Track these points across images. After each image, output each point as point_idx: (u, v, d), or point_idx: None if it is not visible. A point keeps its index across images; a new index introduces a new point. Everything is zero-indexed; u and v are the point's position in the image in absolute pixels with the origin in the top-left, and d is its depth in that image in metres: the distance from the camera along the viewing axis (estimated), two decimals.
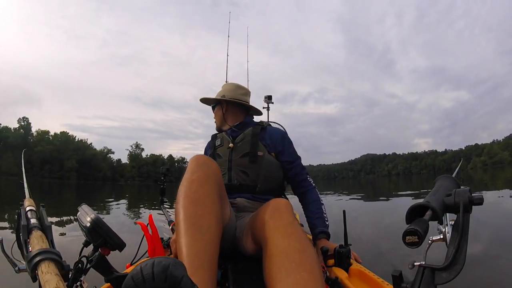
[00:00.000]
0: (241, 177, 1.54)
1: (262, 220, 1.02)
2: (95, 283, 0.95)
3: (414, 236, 0.55)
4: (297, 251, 0.87)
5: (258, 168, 1.53)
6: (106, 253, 0.90)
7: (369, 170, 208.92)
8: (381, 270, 1.29)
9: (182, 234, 0.93)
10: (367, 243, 3.28)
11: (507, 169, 45.41)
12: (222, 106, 1.74)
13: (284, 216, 1.00)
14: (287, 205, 1.06)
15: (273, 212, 1.02)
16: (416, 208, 0.62)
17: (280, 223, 0.97)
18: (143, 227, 1.16)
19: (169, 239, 1.67)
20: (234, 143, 1.61)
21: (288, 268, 0.83)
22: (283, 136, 1.64)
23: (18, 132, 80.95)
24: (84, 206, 0.97)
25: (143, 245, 1.35)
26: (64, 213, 5.70)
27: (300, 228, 0.97)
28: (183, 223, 0.95)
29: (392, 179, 54.47)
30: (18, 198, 0.91)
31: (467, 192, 0.61)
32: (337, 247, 1.32)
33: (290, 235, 0.93)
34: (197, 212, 0.97)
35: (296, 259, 0.85)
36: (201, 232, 0.93)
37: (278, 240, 0.92)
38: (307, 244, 0.92)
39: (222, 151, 1.64)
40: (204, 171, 1.08)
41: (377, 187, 21.01)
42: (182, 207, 0.99)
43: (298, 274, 0.81)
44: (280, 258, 0.87)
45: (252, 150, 1.55)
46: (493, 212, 4.70)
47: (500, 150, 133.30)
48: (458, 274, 0.54)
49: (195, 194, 1.01)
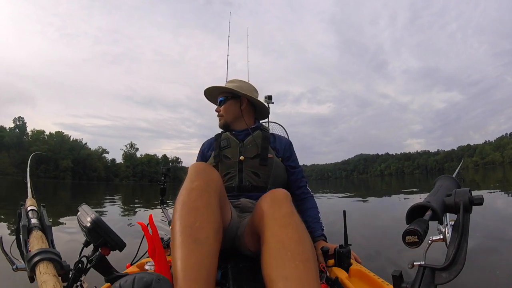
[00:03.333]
0: (252, 179, 1.53)
1: (261, 210, 1.03)
2: (95, 283, 0.95)
3: (414, 236, 0.55)
4: (294, 241, 0.89)
5: (269, 169, 1.54)
6: (106, 253, 0.91)
7: (362, 170, 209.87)
8: (381, 270, 1.30)
9: (177, 245, 0.88)
10: (367, 243, 3.28)
11: (498, 170, 45.95)
12: (242, 102, 1.66)
13: (283, 206, 1.00)
14: (286, 196, 1.06)
15: (272, 202, 1.03)
16: (417, 208, 0.62)
17: (278, 214, 0.98)
18: (143, 227, 1.15)
19: (169, 239, 1.66)
20: (244, 144, 1.58)
21: (284, 257, 0.85)
22: (290, 144, 1.71)
23: (14, 132, 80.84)
24: (84, 206, 0.97)
25: (143, 245, 1.35)
26: (61, 212, 5.64)
27: (298, 219, 0.98)
28: (179, 233, 0.90)
29: (385, 179, 54.85)
30: (16, 197, 0.90)
31: (467, 192, 0.61)
32: (337, 247, 1.33)
33: (288, 225, 0.94)
34: (195, 223, 0.92)
35: (293, 249, 0.87)
36: (198, 244, 0.88)
37: (276, 230, 0.93)
38: (304, 235, 0.93)
39: (230, 152, 1.58)
40: (204, 179, 1.05)
41: (370, 187, 21.13)
42: (179, 216, 0.94)
43: (293, 264, 0.83)
44: (277, 247, 0.89)
45: (263, 153, 1.54)
46: (487, 212, 4.75)
47: (492, 151, 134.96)
48: (458, 274, 0.54)
49: (194, 203, 0.97)
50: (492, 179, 17.58)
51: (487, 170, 50.19)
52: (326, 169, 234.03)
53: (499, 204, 6.15)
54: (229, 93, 1.66)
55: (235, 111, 1.65)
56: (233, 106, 1.65)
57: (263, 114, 1.81)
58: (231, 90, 1.64)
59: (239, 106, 1.65)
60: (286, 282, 0.79)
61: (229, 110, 1.65)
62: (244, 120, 1.65)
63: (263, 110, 1.76)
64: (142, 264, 1.32)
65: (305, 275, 0.81)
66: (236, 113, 1.65)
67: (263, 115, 1.82)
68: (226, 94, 1.66)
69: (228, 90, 1.65)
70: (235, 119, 1.66)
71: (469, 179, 19.06)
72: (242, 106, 1.65)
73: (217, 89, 1.69)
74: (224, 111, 1.66)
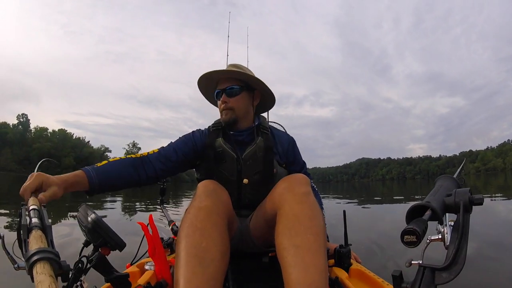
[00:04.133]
0: (252, 195, 1.34)
1: (281, 189, 1.08)
2: (95, 283, 0.95)
3: (412, 235, 0.55)
4: (308, 217, 0.96)
5: (270, 185, 1.25)
6: (106, 253, 0.91)
7: (364, 174, 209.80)
8: (381, 270, 1.30)
9: (181, 265, 0.85)
10: (367, 243, 3.27)
11: (500, 176, 45.80)
12: (255, 96, 1.41)
13: (302, 187, 1.06)
14: (305, 178, 1.11)
15: (291, 182, 1.09)
16: (417, 208, 0.62)
17: (297, 191, 1.04)
18: (143, 227, 1.16)
19: (169, 239, 1.67)
20: (243, 159, 1.32)
21: (298, 229, 0.92)
22: (293, 144, 1.48)
23: (17, 129, 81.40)
24: (84, 206, 0.97)
25: (143, 245, 1.35)
26: (62, 211, 5.65)
27: (313, 198, 1.04)
28: (184, 252, 0.88)
29: (386, 184, 54.72)
30: (18, 195, 0.90)
31: (467, 192, 0.61)
32: (337, 247, 1.33)
33: (304, 202, 1.00)
34: (201, 243, 0.89)
35: (306, 223, 0.94)
36: (203, 265, 0.85)
37: (293, 204, 1.00)
38: (317, 213, 0.99)
39: (226, 169, 1.33)
40: (213, 200, 1.03)
41: (371, 191, 21.09)
42: (185, 236, 0.92)
43: (305, 236, 0.90)
44: (292, 220, 0.96)
45: (267, 169, 1.33)
46: (488, 217, 4.74)
47: (494, 157, 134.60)
48: (458, 275, 0.54)
49: (201, 223, 0.94)
50: (493, 185, 17.51)
51: (489, 176, 50.01)
52: (328, 172, 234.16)
53: (501, 210, 6.13)
54: (242, 81, 1.36)
55: (247, 106, 1.37)
56: (246, 100, 1.36)
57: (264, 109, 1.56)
58: (256, 81, 1.36)
59: (252, 101, 1.40)
60: (297, 250, 0.88)
61: (241, 104, 1.35)
62: (252, 118, 1.41)
63: (265, 107, 1.54)
64: (142, 264, 1.33)
65: (315, 246, 0.88)
66: (247, 109, 1.37)
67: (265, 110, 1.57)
68: (238, 83, 1.34)
69: (249, 78, 1.35)
70: (244, 116, 1.37)
71: (471, 185, 19.00)
72: (255, 102, 1.41)
73: (231, 74, 1.36)
74: (236, 104, 1.34)
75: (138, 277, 1.19)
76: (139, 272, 1.27)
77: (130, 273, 1.17)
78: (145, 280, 1.12)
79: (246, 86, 1.36)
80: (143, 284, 1.09)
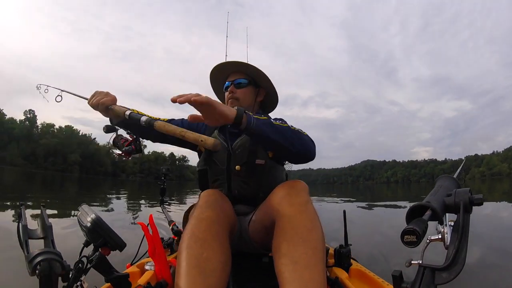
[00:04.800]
0: (242, 187, 1.34)
1: (279, 197, 1.06)
2: (96, 283, 0.95)
3: (412, 235, 0.55)
4: (307, 228, 0.94)
5: (259, 177, 1.31)
6: (107, 253, 0.91)
7: (368, 176, 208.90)
8: (381, 270, 1.31)
9: (182, 276, 0.86)
10: (367, 244, 3.27)
11: (505, 181, 45.38)
12: (259, 93, 1.44)
13: (300, 195, 1.05)
14: (304, 186, 1.11)
15: (290, 190, 1.07)
16: (417, 208, 0.62)
17: (295, 201, 1.02)
18: (143, 227, 1.16)
19: (169, 239, 1.67)
20: (233, 149, 1.33)
21: (296, 242, 0.91)
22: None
23: (24, 124, 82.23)
24: (84, 206, 0.98)
25: (143, 245, 1.36)
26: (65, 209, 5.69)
27: (313, 208, 1.03)
28: (185, 263, 0.88)
29: (391, 186, 54.44)
30: (24, 190, 0.91)
31: (467, 192, 0.61)
32: (338, 247, 1.33)
33: (303, 212, 0.99)
34: (202, 254, 0.90)
35: (304, 235, 0.93)
36: (204, 275, 0.86)
37: (291, 216, 0.98)
38: (316, 224, 0.98)
39: (218, 157, 1.36)
40: (216, 211, 1.04)
41: (375, 193, 21.01)
42: (186, 246, 0.92)
43: (304, 250, 0.89)
44: (290, 233, 0.94)
45: (250, 160, 1.31)
46: (492, 222, 4.71)
47: (499, 162, 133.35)
48: (458, 275, 0.54)
49: (202, 234, 0.95)
50: (498, 190, 17.36)
51: (494, 181, 49.56)
52: (332, 174, 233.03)
53: (505, 215, 6.08)
54: (249, 76, 1.41)
55: (251, 100, 1.40)
56: (251, 94, 1.40)
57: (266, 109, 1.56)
58: (264, 77, 1.40)
59: (255, 97, 1.43)
60: (295, 266, 0.86)
61: (246, 97, 1.39)
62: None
63: (268, 107, 1.54)
64: (142, 264, 1.33)
65: (313, 260, 0.87)
66: (250, 103, 1.40)
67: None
68: (246, 77, 1.40)
69: (258, 73, 1.39)
70: (246, 109, 1.34)
71: (476, 190, 18.83)
72: (258, 98, 1.44)
73: (240, 67, 1.41)
74: (241, 96, 1.38)
75: (138, 277, 1.19)
76: (139, 272, 1.28)
77: (130, 273, 1.17)
78: (145, 280, 1.12)
79: (253, 82, 1.41)
80: (143, 284, 1.09)
